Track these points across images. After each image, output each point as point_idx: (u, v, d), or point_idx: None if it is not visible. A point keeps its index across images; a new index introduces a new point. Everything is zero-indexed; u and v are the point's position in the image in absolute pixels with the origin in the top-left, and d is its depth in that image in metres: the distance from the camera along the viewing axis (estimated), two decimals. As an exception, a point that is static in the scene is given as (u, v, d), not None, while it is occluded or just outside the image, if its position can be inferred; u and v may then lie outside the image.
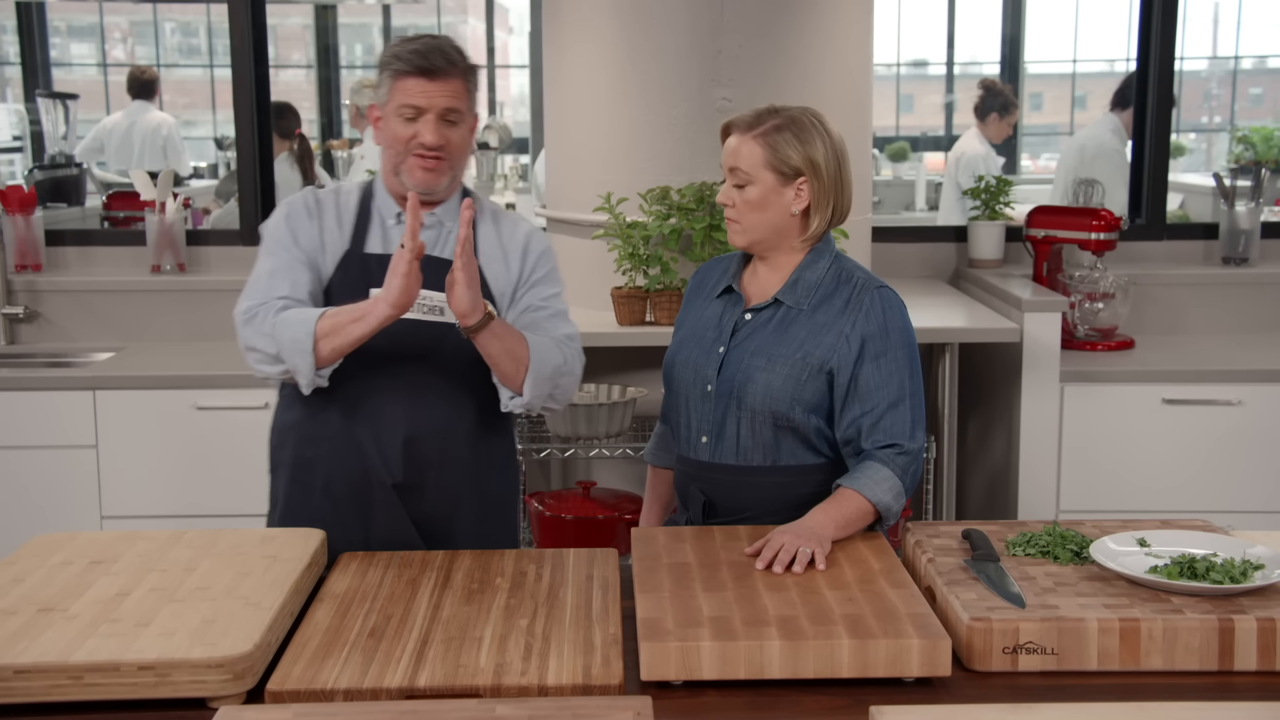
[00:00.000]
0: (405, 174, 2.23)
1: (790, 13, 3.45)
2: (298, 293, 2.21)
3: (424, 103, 2.18)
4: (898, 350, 2.17)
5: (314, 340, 2.10)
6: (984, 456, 3.89)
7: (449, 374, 2.26)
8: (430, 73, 2.18)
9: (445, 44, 2.22)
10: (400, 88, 2.19)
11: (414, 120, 2.20)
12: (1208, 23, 11.85)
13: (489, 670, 1.63)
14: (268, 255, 2.26)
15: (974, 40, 12.58)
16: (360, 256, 2.27)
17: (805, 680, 1.65)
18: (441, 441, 2.27)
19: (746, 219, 2.20)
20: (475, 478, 2.32)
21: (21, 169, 6.93)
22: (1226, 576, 1.77)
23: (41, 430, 3.51)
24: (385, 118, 2.23)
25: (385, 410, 2.25)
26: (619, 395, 3.51)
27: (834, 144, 2.20)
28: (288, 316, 2.14)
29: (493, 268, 2.31)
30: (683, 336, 2.34)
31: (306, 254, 2.26)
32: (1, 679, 1.57)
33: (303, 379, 2.15)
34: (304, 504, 2.30)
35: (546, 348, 2.21)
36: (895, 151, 9.75)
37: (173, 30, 12.09)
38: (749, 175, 2.17)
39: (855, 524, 2.06)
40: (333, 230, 2.29)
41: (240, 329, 2.19)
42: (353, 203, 2.32)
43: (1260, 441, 3.58)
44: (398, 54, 2.19)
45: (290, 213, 2.29)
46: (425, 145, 2.20)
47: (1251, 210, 4.18)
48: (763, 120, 2.19)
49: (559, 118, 3.70)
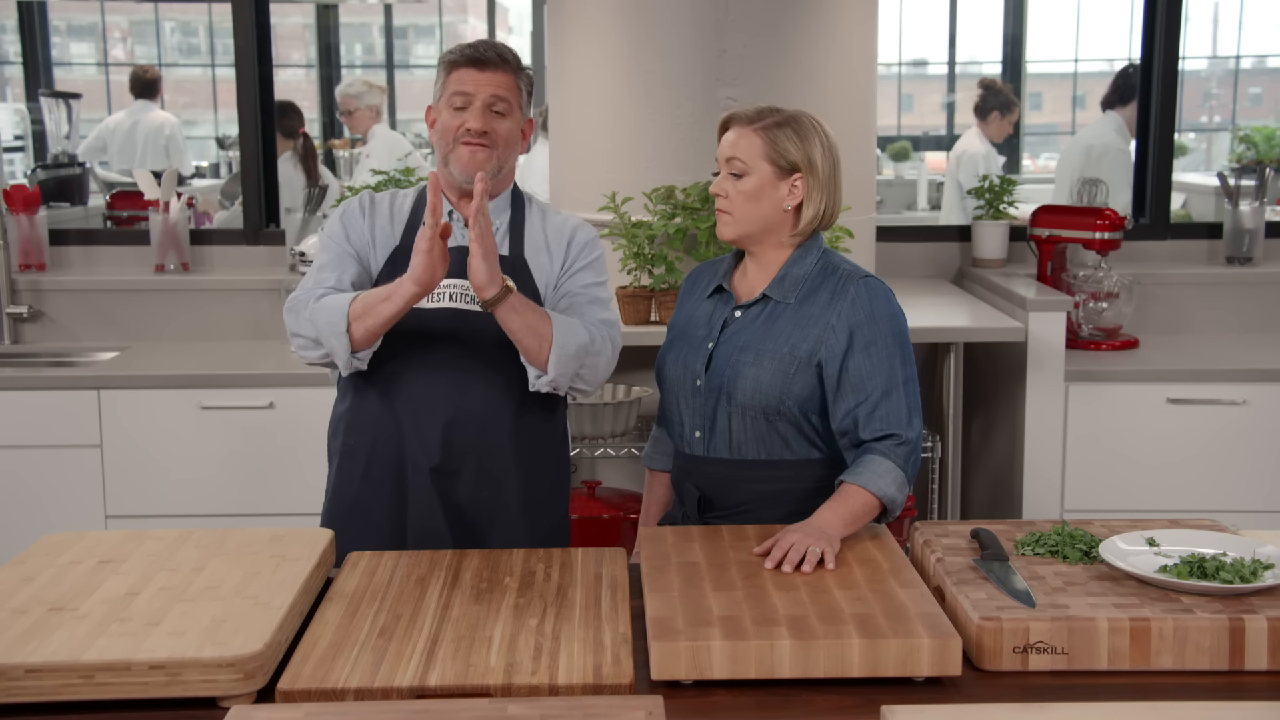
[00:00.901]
0: (453, 161, 2.29)
1: (795, 12, 3.45)
2: (343, 284, 2.28)
3: (472, 89, 2.26)
4: (887, 338, 2.18)
5: (347, 322, 2.17)
6: (988, 456, 3.90)
7: (490, 361, 2.29)
8: (480, 63, 2.27)
9: (499, 44, 2.32)
10: (451, 79, 2.28)
11: (462, 109, 2.27)
12: (1208, 22, 11.85)
13: (499, 670, 1.63)
14: (322, 250, 2.35)
15: (975, 40, 12.59)
16: (409, 251, 2.28)
17: (816, 680, 1.65)
18: (481, 427, 2.31)
19: (739, 210, 2.22)
20: (517, 464, 2.34)
21: (23, 168, 6.92)
22: (1236, 576, 1.77)
23: (45, 430, 3.51)
24: (438, 111, 2.31)
25: (426, 396, 2.29)
26: (623, 395, 3.51)
27: (831, 148, 2.23)
28: (325, 302, 2.22)
29: (539, 259, 2.35)
30: (673, 336, 2.36)
31: (357, 249, 2.34)
32: (13, 678, 1.57)
33: (341, 361, 2.21)
34: (348, 491, 2.36)
35: (572, 326, 2.23)
36: (897, 151, 9.75)
37: (173, 29, 12.09)
38: (746, 165, 2.20)
39: (862, 519, 2.07)
40: (384, 228, 2.36)
41: (285, 317, 2.28)
42: (408, 203, 2.39)
43: (1265, 441, 3.58)
44: (452, 50, 2.31)
45: (345, 212, 2.38)
46: (471, 130, 2.26)
47: (1255, 210, 4.18)
48: (764, 116, 2.22)
49: (563, 117, 3.70)
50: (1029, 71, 10.83)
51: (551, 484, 2.42)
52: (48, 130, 6.68)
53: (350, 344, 2.18)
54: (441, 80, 2.30)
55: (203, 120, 11.47)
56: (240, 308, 4.06)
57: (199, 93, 12.07)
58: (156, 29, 11.80)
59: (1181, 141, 9.87)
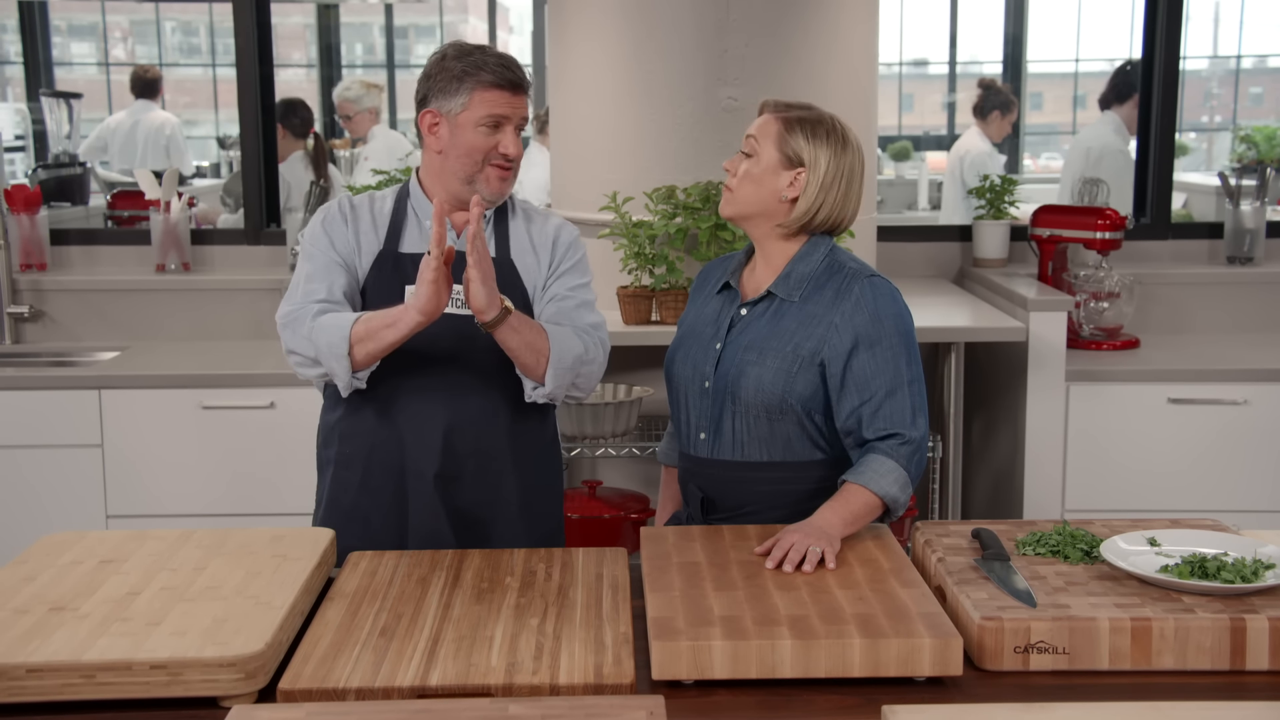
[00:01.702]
0: (481, 183, 2.28)
1: (796, 12, 3.45)
2: (334, 295, 2.26)
3: (509, 113, 2.26)
4: (892, 338, 2.17)
5: (349, 345, 2.15)
6: (989, 456, 3.90)
7: (484, 368, 2.29)
8: (516, 86, 2.26)
9: (513, 59, 2.29)
10: (485, 98, 2.24)
11: (495, 130, 2.25)
12: (1209, 22, 11.86)
13: (500, 669, 1.63)
14: (306, 260, 2.31)
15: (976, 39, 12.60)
16: (395, 255, 2.32)
17: (817, 680, 1.65)
18: (479, 433, 2.31)
19: (740, 188, 2.24)
20: (514, 466, 2.35)
21: (24, 168, 6.93)
22: (1238, 576, 1.77)
23: (46, 430, 3.51)
24: (461, 127, 2.25)
25: (423, 405, 2.29)
26: (624, 394, 3.51)
27: (847, 156, 2.23)
28: (325, 321, 2.19)
29: (524, 261, 2.35)
30: (682, 334, 2.36)
31: (343, 257, 2.31)
32: (14, 678, 1.57)
33: (341, 382, 2.20)
34: (345, 499, 2.34)
35: (567, 338, 2.23)
36: (897, 151, 9.76)
37: (173, 29, 12.09)
38: (758, 147, 2.23)
39: (863, 519, 2.07)
40: (368, 233, 2.34)
41: (280, 332, 2.26)
42: (388, 206, 2.37)
43: (1266, 441, 3.58)
44: (480, 64, 2.24)
45: (327, 218, 2.34)
46: (508, 156, 2.26)
47: (1256, 210, 4.18)
48: (794, 109, 2.25)
49: (564, 117, 3.70)
50: (1030, 71, 10.83)
51: (548, 485, 2.43)
52: (48, 130, 6.68)
53: (351, 366, 2.17)
54: (467, 95, 2.24)
55: (203, 120, 11.48)
56: (241, 308, 4.06)
57: (199, 92, 12.08)
58: (157, 29, 11.80)
59: (1182, 141, 9.88)
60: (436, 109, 2.28)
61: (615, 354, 3.65)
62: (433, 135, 2.29)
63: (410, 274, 2.23)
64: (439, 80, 2.27)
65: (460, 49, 2.29)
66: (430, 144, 2.31)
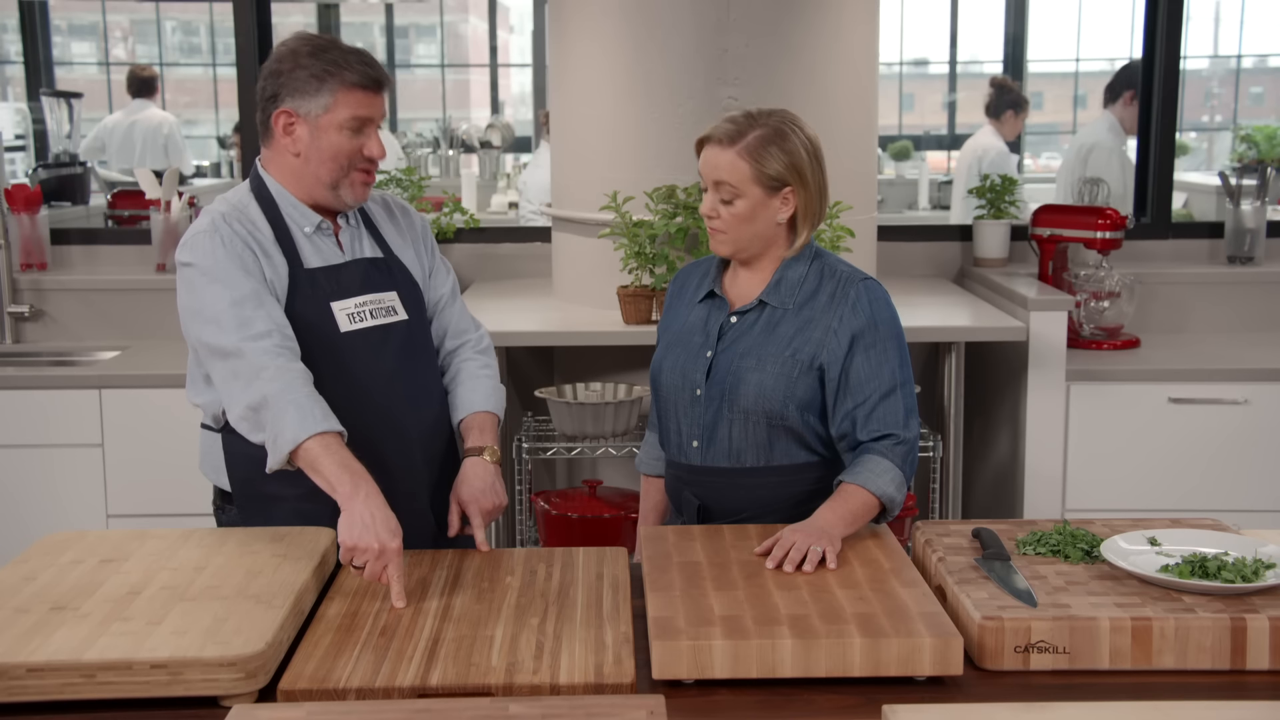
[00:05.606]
0: (346, 188, 2.18)
1: (796, 11, 3.45)
2: (275, 318, 2.09)
3: (373, 114, 2.16)
4: (887, 341, 2.18)
5: (293, 451, 1.98)
6: (989, 455, 3.90)
7: (419, 361, 2.31)
8: (380, 85, 2.17)
9: (370, 55, 2.19)
10: (350, 99, 2.13)
11: (359, 133, 2.15)
12: (1209, 22, 11.86)
13: (501, 669, 1.63)
14: (221, 286, 2.09)
15: (976, 39, 12.60)
16: (307, 274, 2.19)
17: (817, 679, 1.65)
18: (435, 420, 2.33)
19: (734, 231, 2.19)
20: (448, 443, 2.38)
21: (24, 168, 6.93)
22: (1238, 575, 1.77)
23: (47, 429, 3.51)
24: (322, 129, 2.13)
25: (383, 407, 2.21)
26: (625, 394, 3.51)
27: (812, 146, 2.20)
28: (285, 408, 1.99)
29: (406, 255, 2.33)
30: (668, 342, 2.33)
31: (260, 279, 2.13)
32: (14, 677, 1.57)
33: (271, 463, 2.02)
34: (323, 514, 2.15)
35: (490, 394, 2.34)
36: (898, 150, 9.76)
37: (174, 29, 12.10)
38: (736, 190, 2.16)
39: (862, 519, 2.07)
40: (272, 251, 2.17)
41: (218, 374, 2.09)
42: (262, 222, 2.18)
43: (1266, 440, 3.58)
44: (341, 63, 2.12)
45: (224, 243, 2.12)
46: (373, 159, 2.18)
47: (1257, 209, 4.18)
48: (743, 133, 2.15)
49: (565, 116, 3.70)
50: (1030, 71, 10.84)
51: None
52: (49, 130, 6.67)
53: (282, 462, 2.00)
54: (330, 96, 2.11)
55: (203, 120, 11.49)
56: (241, 307, 4.05)
57: (200, 92, 12.09)
58: (158, 28, 11.81)
59: (1183, 141, 9.87)
60: (293, 109, 2.13)
61: (615, 354, 3.66)
62: (289, 137, 2.15)
63: (325, 288, 2.17)
64: (295, 78, 2.12)
65: (314, 44, 2.15)
66: (285, 145, 2.16)
